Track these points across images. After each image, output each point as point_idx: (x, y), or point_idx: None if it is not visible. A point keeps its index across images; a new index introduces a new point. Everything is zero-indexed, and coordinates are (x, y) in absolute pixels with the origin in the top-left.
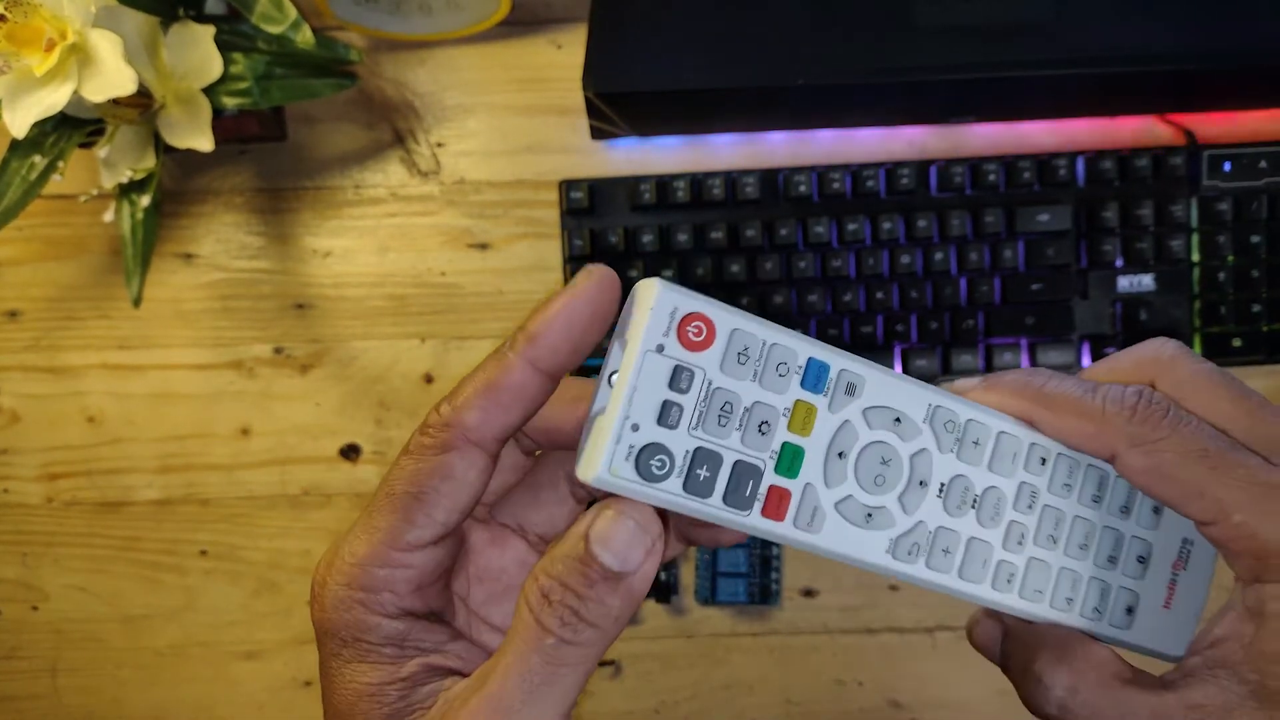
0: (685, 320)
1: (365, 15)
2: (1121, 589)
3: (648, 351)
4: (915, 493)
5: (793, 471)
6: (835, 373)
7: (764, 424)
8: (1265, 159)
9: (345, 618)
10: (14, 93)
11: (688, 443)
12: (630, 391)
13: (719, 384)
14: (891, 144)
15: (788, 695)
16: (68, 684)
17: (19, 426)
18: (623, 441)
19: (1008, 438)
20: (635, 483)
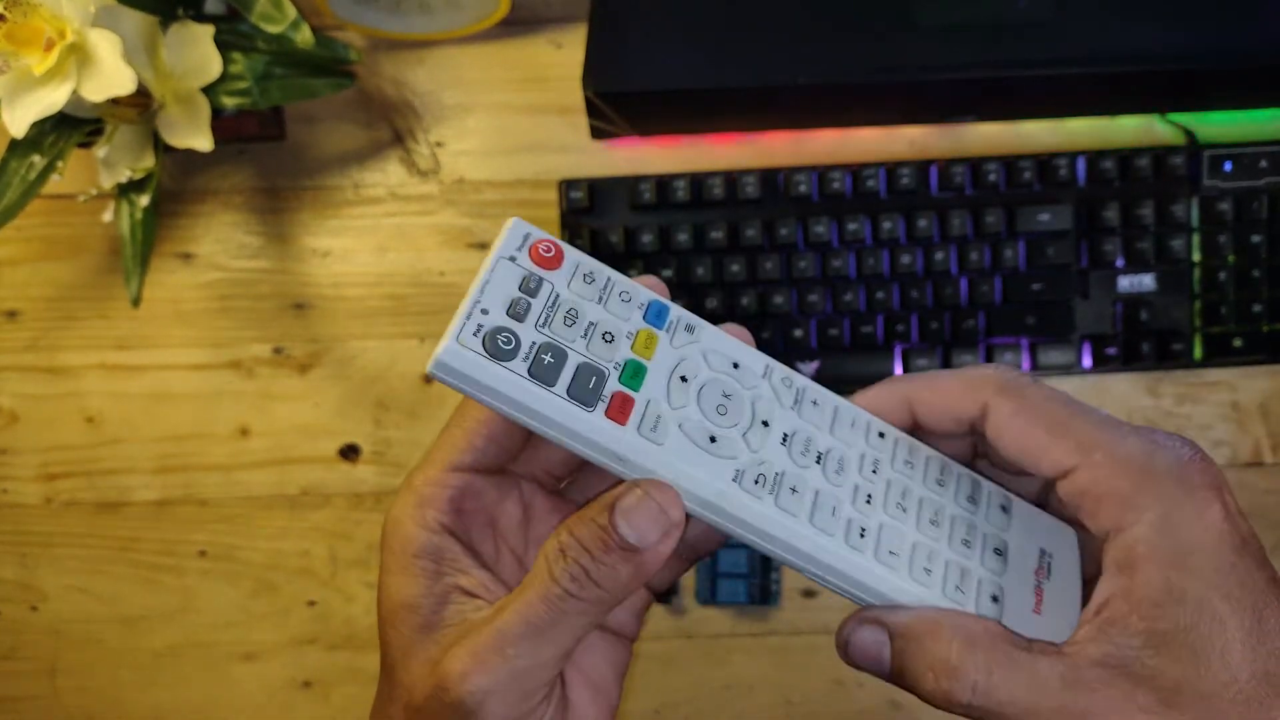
0: (538, 242)
1: (364, 15)
2: (982, 578)
3: (501, 259)
4: (759, 431)
5: (635, 384)
6: (675, 315)
7: (608, 334)
8: (1266, 158)
9: (399, 530)
10: (13, 92)
11: (534, 336)
12: (482, 284)
13: (565, 296)
14: (891, 144)
15: (788, 695)
16: (66, 684)
17: (17, 427)
18: (472, 320)
19: (845, 409)
20: (482, 357)
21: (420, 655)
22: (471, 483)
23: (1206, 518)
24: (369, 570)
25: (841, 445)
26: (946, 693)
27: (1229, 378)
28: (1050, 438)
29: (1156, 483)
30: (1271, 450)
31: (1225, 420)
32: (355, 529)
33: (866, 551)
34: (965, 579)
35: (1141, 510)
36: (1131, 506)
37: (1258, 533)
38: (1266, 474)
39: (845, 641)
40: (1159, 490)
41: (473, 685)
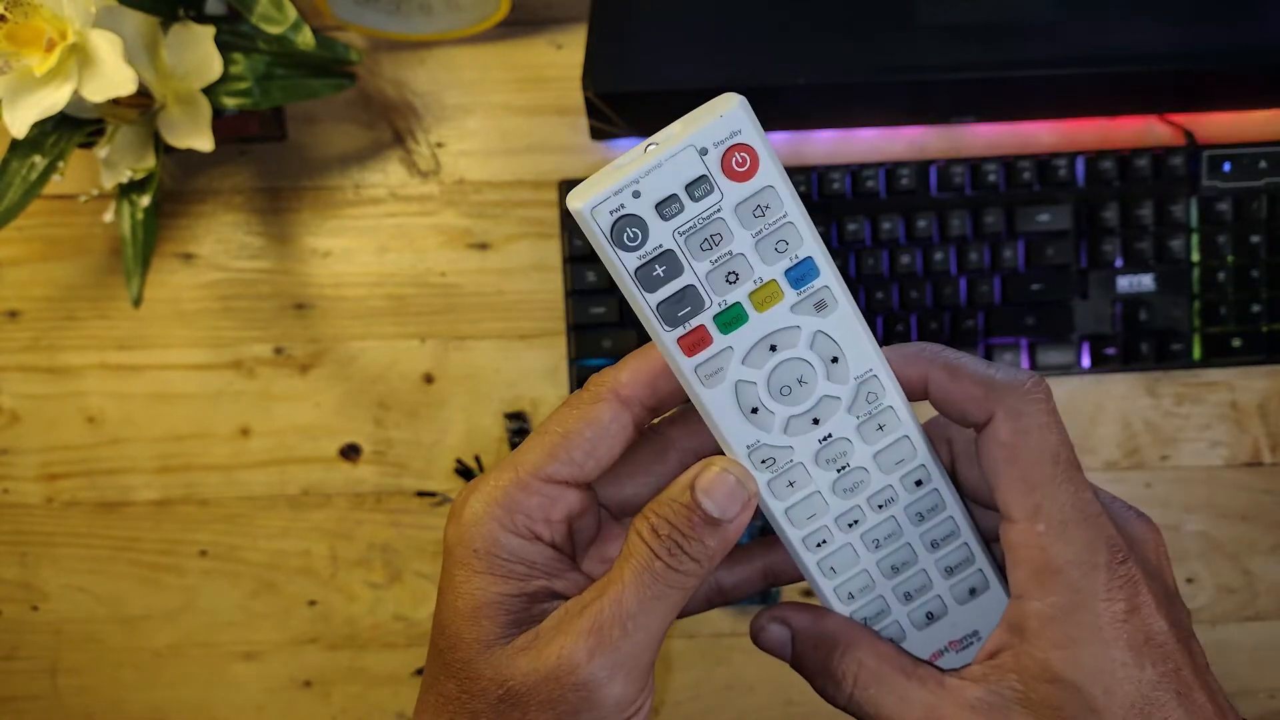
0: (738, 146)
1: (365, 15)
2: (895, 621)
3: (691, 146)
4: (804, 424)
5: (726, 329)
6: (818, 285)
7: (733, 274)
8: (1265, 159)
9: (481, 530)
10: (14, 93)
11: (666, 239)
12: (654, 165)
13: (725, 216)
14: (891, 144)
15: (788, 695)
16: (67, 684)
17: (18, 427)
18: (618, 196)
19: (906, 444)
20: (602, 235)
21: (509, 648)
22: (562, 494)
23: (1105, 616)
24: (370, 570)
25: (873, 473)
26: (829, 696)
27: (1228, 378)
28: (1018, 485)
29: (1072, 573)
30: (1270, 450)
31: (1224, 420)
32: (356, 529)
33: (813, 556)
34: (879, 616)
35: (1046, 592)
36: (1040, 584)
37: (1257, 534)
38: (1265, 474)
39: (755, 633)
40: (1071, 581)
41: (600, 663)
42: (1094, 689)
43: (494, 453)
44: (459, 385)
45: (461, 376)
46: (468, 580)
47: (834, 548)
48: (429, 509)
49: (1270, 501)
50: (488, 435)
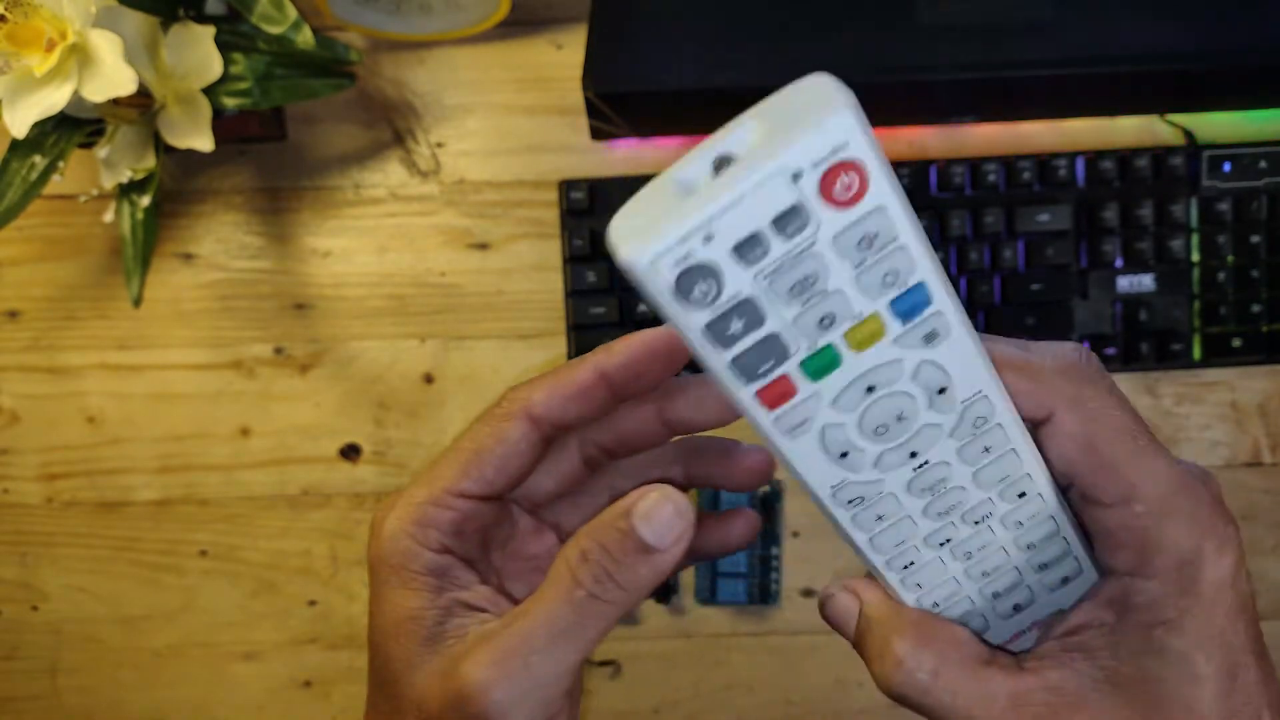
0: (843, 165)
1: (365, 15)
2: (980, 615)
3: (783, 171)
4: (899, 456)
5: (816, 375)
6: (929, 314)
7: (829, 318)
8: (1265, 159)
9: (397, 546)
10: (14, 93)
11: (745, 288)
12: (734, 200)
13: (821, 249)
14: (891, 144)
15: (788, 695)
16: (67, 684)
17: (18, 427)
18: (686, 243)
19: (1012, 458)
20: (663, 292)
21: (427, 668)
22: (475, 508)
23: (1213, 579)
24: None
25: (971, 490)
26: (890, 682)
27: (1228, 378)
28: (1103, 471)
29: (1181, 544)
30: (1270, 450)
31: (1224, 420)
32: (356, 529)
33: (895, 574)
34: (965, 617)
35: (1156, 569)
36: (1148, 563)
37: (1258, 534)
38: (1266, 474)
39: (823, 600)
40: (1181, 553)
41: (498, 695)
42: (1198, 657)
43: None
44: (459, 385)
45: (461, 376)
46: (388, 596)
47: (921, 565)
48: None
49: (1270, 501)
50: None
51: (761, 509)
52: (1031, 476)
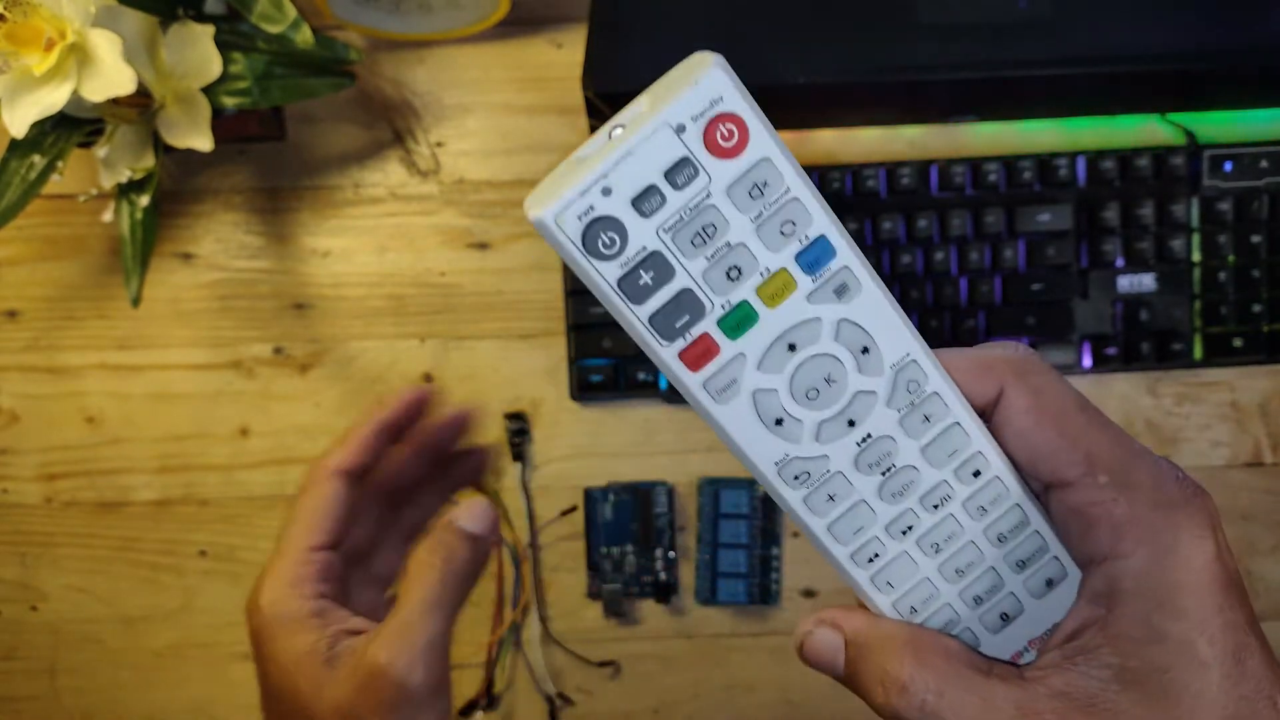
0: (721, 117)
1: (364, 15)
2: (967, 629)
3: (666, 124)
4: (838, 428)
5: (734, 333)
6: (837, 265)
7: (735, 269)
8: (1266, 159)
9: (279, 609)
10: (13, 92)
11: (649, 239)
12: (624, 154)
13: (716, 202)
14: (892, 143)
15: (788, 695)
16: (66, 685)
17: (18, 427)
18: (586, 198)
19: (957, 432)
20: (572, 246)
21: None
22: (327, 558)
23: (1199, 556)
24: None
25: (923, 470)
26: (894, 709)
27: (1229, 378)
28: (1060, 442)
29: (1153, 516)
30: (1271, 450)
31: (1225, 420)
32: None
33: (864, 571)
34: (948, 626)
35: (1134, 544)
36: (1124, 538)
37: (1258, 534)
38: (1266, 474)
39: (800, 642)
40: (1155, 525)
41: (401, 662)
42: (1200, 641)
43: (494, 453)
44: (459, 385)
45: (461, 376)
46: (281, 647)
47: (887, 559)
48: None
49: (1271, 501)
50: (487, 435)
51: (762, 509)
52: (985, 455)
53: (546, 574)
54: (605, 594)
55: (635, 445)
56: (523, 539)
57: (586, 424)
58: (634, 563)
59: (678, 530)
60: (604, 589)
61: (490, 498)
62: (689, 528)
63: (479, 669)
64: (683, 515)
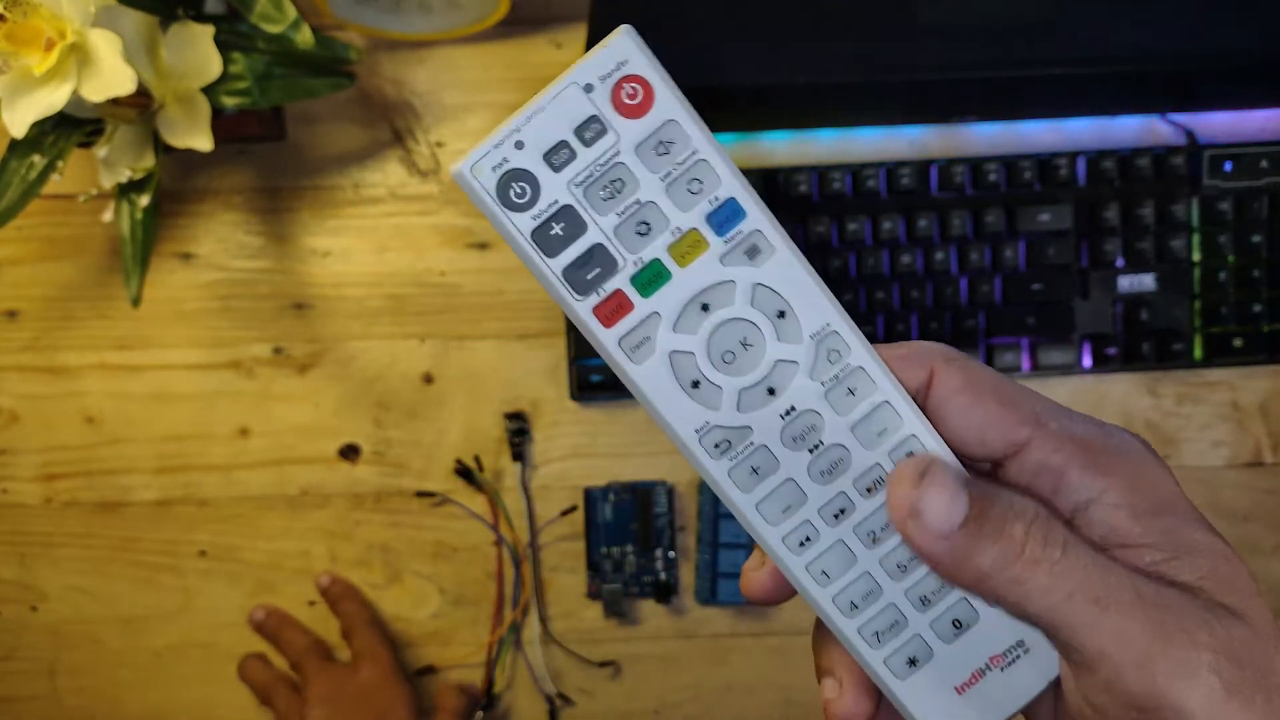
0: (628, 78)
1: (364, 14)
2: (917, 636)
3: (574, 83)
4: (758, 397)
5: (647, 290)
6: (748, 228)
7: (644, 225)
8: (1266, 159)
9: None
10: (13, 92)
11: (560, 193)
12: (534, 111)
13: (625, 159)
14: (892, 144)
15: (788, 695)
16: (66, 685)
17: (17, 427)
18: (500, 149)
19: (887, 410)
20: (487, 197)
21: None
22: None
23: (1168, 481)
24: (369, 570)
25: (853, 449)
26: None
27: (1229, 378)
28: (1001, 409)
29: (1116, 451)
30: (1271, 450)
31: (1225, 420)
32: (355, 529)
33: (797, 559)
34: (893, 629)
35: (1111, 474)
36: (1102, 472)
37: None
38: (1266, 474)
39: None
40: (1122, 455)
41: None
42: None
43: (494, 453)
44: (459, 385)
45: (461, 376)
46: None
47: (822, 546)
48: (429, 509)
49: (1271, 501)
50: (487, 435)
51: None
52: (919, 439)
53: (546, 574)
54: (605, 594)
55: (635, 445)
56: (523, 539)
57: (586, 424)
58: (634, 563)
59: (678, 530)
60: (604, 589)
61: (490, 497)
62: (689, 528)
63: (479, 669)
64: (683, 515)
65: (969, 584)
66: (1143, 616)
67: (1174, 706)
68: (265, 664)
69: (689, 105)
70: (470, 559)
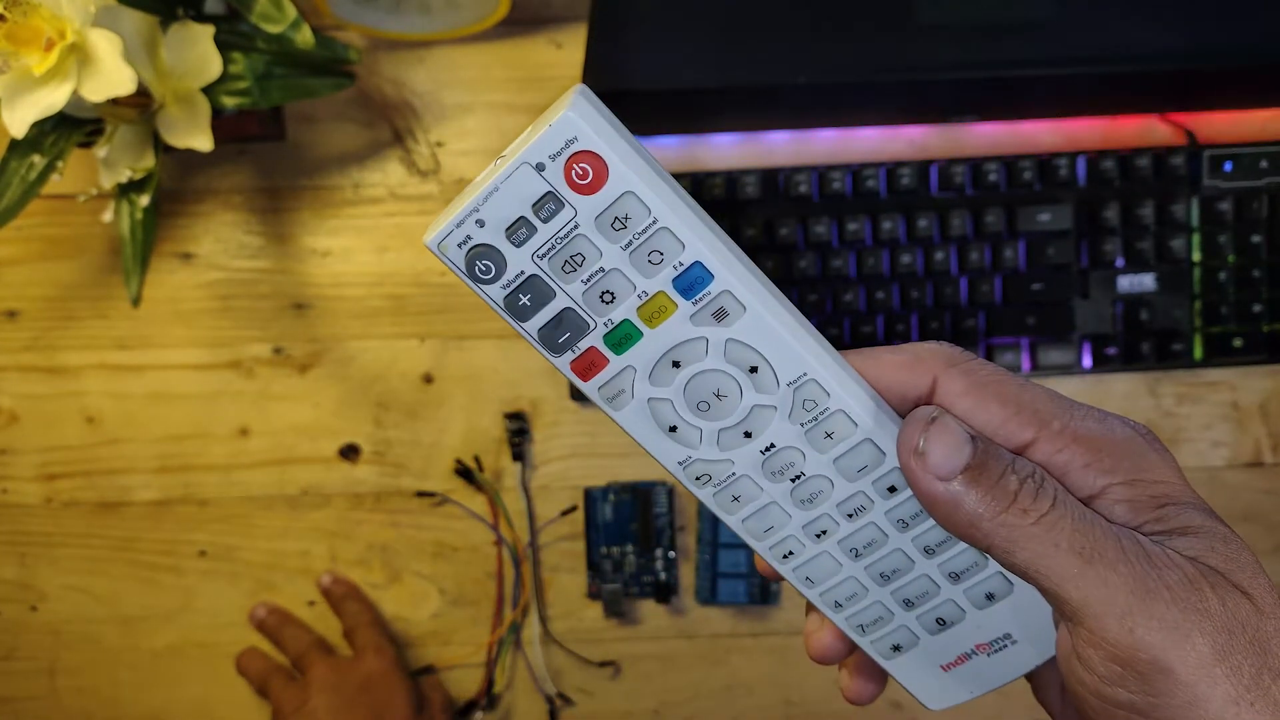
0: (577, 156)
1: (364, 14)
2: (901, 627)
3: (526, 164)
4: (735, 438)
5: (619, 349)
6: (715, 290)
7: (608, 294)
8: (1266, 159)
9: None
10: (13, 92)
11: (525, 265)
12: (490, 191)
13: (584, 232)
14: (892, 143)
15: (788, 695)
16: (66, 685)
17: (17, 427)
18: (463, 228)
19: (868, 448)
20: (458, 270)
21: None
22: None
23: (1170, 472)
24: (369, 570)
25: (836, 481)
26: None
27: (1229, 378)
28: (1005, 411)
29: (1120, 445)
30: (1271, 450)
31: (1225, 420)
32: (355, 529)
33: (784, 566)
34: (878, 623)
35: (1114, 471)
36: (1104, 470)
37: (1258, 534)
38: (1266, 474)
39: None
40: (1123, 451)
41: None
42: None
43: (493, 453)
44: (458, 385)
45: (461, 376)
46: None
47: (806, 557)
48: (428, 509)
49: (1271, 502)
50: (487, 435)
51: None
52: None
53: (546, 574)
54: (605, 594)
55: (635, 445)
56: (523, 539)
57: (586, 424)
58: (634, 563)
59: (678, 530)
60: (604, 589)
61: (490, 497)
62: (689, 528)
63: (479, 669)
64: (683, 515)
65: (962, 529)
66: (1126, 571)
67: (1154, 661)
68: (263, 656)
69: (648, 168)
70: (470, 559)
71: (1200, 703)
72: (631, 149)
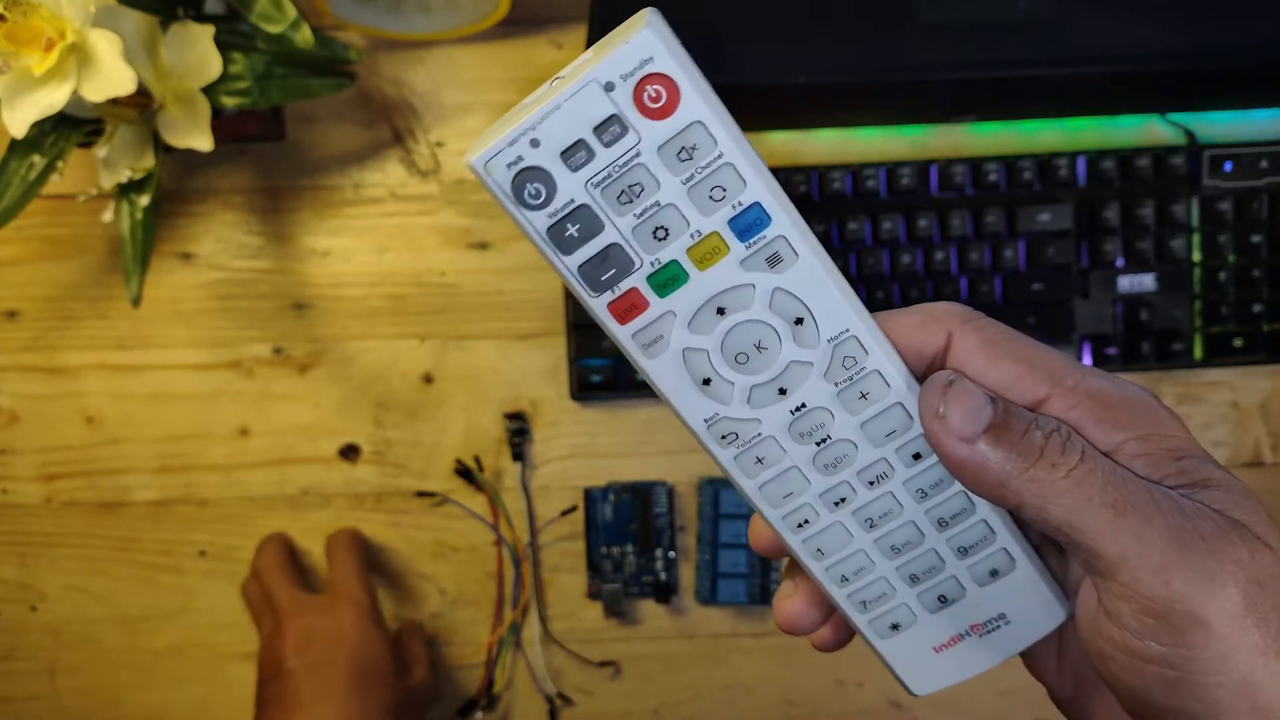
0: (651, 77)
1: (364, 15)
2: (902, 605)
3: (594, 81)
4: (769, 394)
5: (663, 291)
6: (771, 234)
7: (662, 230)
8: (1266, 159)
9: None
10: (13, 92)
11: (577, 193)
12: (551, 108)
13: (645, 161)
14: (892, 144)
15: (788, 696)
16: (66, 685)
17: (17, 427)
18: (515, 147)
19: (898, 412)
20: (501, 193)
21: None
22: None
23: (1180, 429)
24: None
25: (861, 446)
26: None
27: (1229, 378)
28: (1018, 368)
29: (1130, 404)
30: (1271, 450)
31: (1225, 420)
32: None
33: (795, 535)
34: (880, 600)
35: (1129, 427)
36: (1119, 425)
37: None
38: (1267, 474)
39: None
40: (1136, 408)
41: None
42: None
43: (493, 453)
44: (459, 385)
45: (461, 376)
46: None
47: (820, 527)
48: (428, 509)
49: (1272, 502)
50: (487, 435)
51: None
52: (919, 437)
53: (546, 574)
54: (605, 594)
55: (635, 445)
56: (523, 539)
57: (586, 424)
58: (634, 563)
59: (678, 530)
60: (604, 589)
61: (490, 497)
62: (689, 528)
63: (479, 669)
64: (683, 515)
65: (993, 489)
66: (1161, 523)
67: (1189, 613)
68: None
69: (717, 103)
70: (470, 559)
71: (1231, 654)
72: (703, 78)
